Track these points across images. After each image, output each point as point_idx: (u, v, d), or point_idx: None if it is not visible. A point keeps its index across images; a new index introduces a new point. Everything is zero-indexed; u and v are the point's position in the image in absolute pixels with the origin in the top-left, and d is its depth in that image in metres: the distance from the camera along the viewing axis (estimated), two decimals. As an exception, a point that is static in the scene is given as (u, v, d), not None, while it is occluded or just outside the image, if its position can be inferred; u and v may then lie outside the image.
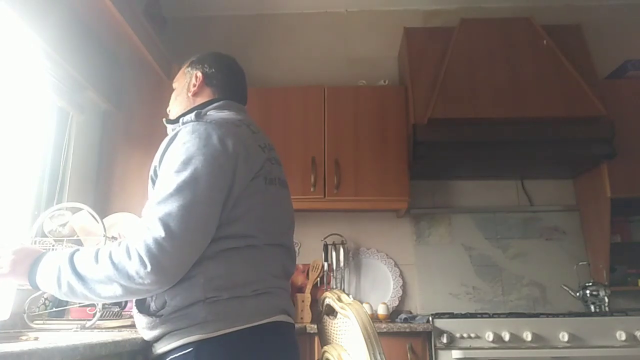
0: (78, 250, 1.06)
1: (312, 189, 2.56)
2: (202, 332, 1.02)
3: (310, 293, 2.68)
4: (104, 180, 2.48)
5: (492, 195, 2.92)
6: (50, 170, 2.15)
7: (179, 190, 1.01)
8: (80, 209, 1.78)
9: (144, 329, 1.10)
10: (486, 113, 2.48)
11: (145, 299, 1.09)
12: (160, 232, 0.97)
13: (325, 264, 2.75)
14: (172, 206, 1.00)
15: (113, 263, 0.98)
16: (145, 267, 0.96)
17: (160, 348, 1.07)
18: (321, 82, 2.93)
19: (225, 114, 1.25)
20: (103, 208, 2.32)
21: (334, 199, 2.58)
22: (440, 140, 2.49)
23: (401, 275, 2.79)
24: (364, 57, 3.15)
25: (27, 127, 2.03)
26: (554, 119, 2.47)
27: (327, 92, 2.74)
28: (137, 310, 1.11)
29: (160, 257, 0.96)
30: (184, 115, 1.26)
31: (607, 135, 2.43)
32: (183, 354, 1.02)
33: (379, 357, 1.02)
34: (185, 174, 1.03)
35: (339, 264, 2.73)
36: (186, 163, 1.04)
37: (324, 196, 2.57)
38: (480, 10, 3.15)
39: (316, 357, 2.13)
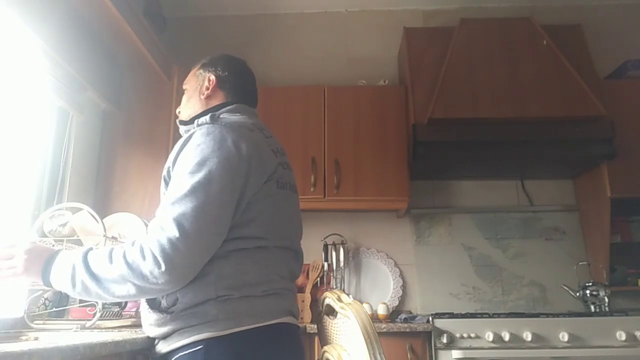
0: (91, 249, 1.07)
1: (312, 189, 2.56)
2: (212, 330, 1.03)
3: (310, 293, 2.68)
4: (104, 180, 2.48)
5: (492, 195, 2.92)
6: (50, 170, 2.15)
7: (193, 191, 1.03)
8: (80, 209, 1.78)
9: (151, 325, 1.10)
10: (486, 113, 2.48)
11: None
12: (174, 233, 0.98)
13: (325, 264, 2.75)
14: (186, 207, 1.01)
15: (127, 263, 0.99)
16: (159, 267, 0.97)
17: (169, 345, 1.07)
18: (321, 82, 2.92)
19: (238, 118, 1.27)
20: (103, 208, 2.32)
21: (334, 199, 2.58)
22: (440, 140, 2.50)
23: (401, 275, 2.79)
24: (364, 57, 3.14)
25: (27, 127, 2.03)
26: (554, 119, 2.47)
27: (327, 92, 2.74)
28: (147, 307, 1.11)
29: (174, 257, 0.97)
30: (198, 117, 1.28)
31: (607, 135, 2.43)
32: (193, 351, 1.03)
33: (379, 357, 1.02)
34: (199, 176, 1.04)
35: (339, 264, 2.73)
36: (200, 165, 1.06)
37: (324, 196, 2.58)
38: (480, 10, 3.15)
39: (316, 357, 2.13)
